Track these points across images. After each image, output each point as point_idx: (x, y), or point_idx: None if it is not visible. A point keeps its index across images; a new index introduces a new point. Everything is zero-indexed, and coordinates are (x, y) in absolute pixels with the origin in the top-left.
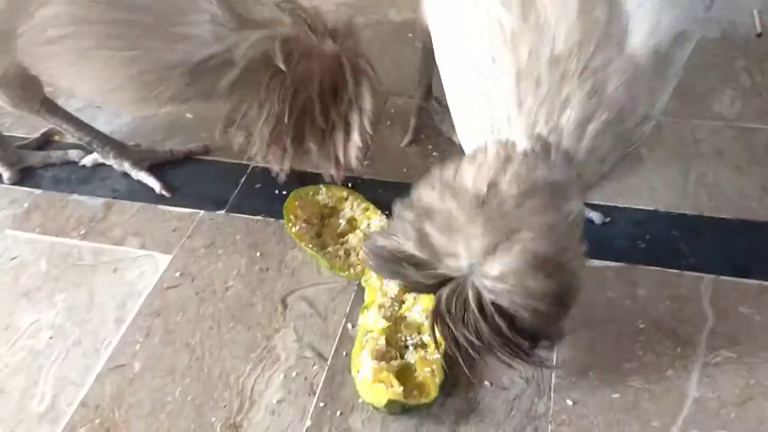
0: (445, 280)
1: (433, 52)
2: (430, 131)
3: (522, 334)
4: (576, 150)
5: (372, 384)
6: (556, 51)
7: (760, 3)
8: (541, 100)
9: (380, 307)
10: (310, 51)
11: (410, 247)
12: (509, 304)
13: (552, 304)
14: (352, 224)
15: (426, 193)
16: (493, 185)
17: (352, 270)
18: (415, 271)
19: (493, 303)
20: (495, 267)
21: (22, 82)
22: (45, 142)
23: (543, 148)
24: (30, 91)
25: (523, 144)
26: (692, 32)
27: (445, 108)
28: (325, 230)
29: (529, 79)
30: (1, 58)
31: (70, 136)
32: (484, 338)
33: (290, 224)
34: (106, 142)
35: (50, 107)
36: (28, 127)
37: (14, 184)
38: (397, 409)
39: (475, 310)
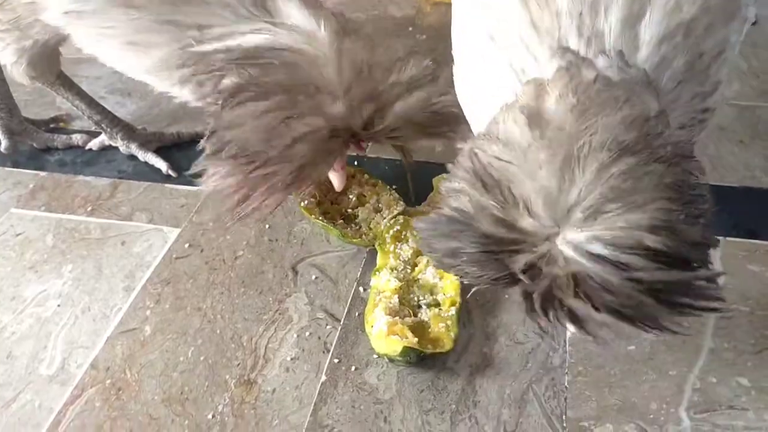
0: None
1: None
2: None
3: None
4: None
5: (387, 336)
6: None
7: None
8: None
9: (392, 269)
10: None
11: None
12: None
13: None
14: (360, 200)
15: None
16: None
17: (363, 237)
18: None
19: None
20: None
21: (49, 56)
22: (51, 128)
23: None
24: (50, 65)
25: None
26: None
27: None
28: (333, 207)
29: None
30: (36, 30)
31: (81, 113)
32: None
33: (299, 199)
34: (115, 123)
35: (65, 82)
36: (32, 114)
37: (16, 166)
38: (412, 357)
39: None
